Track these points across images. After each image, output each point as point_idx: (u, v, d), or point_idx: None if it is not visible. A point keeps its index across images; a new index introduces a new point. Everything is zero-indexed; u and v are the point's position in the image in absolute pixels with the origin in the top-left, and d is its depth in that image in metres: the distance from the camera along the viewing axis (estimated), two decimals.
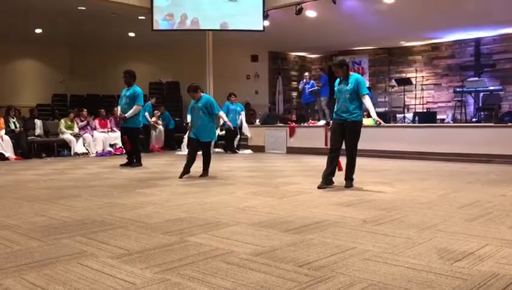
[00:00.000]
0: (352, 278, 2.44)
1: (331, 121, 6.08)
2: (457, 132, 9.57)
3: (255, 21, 12.09)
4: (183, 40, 13.88)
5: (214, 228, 3.60)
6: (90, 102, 14.77)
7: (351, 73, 5.72)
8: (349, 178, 5.71)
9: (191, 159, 6.82)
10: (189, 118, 7.42)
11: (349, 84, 5.59)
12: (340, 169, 5.80)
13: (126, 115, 8.40)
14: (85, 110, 12.40)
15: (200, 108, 6.85)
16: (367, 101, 5.61)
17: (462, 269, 2.56)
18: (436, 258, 2.77)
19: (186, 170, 6.78)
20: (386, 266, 2.62)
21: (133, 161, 8.63)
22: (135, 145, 8.76)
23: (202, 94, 7.02)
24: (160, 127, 13.43)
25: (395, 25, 12.55)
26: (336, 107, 5.77)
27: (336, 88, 5.83)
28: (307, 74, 13.46)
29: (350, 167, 5.71)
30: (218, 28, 12.32)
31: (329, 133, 8.02)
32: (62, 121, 11.85)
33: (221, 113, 7.14)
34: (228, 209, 4.36)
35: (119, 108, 8.74)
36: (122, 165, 8.61)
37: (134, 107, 8.40)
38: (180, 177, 6.68)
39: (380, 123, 5.68)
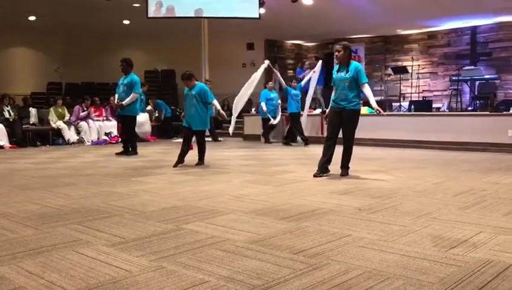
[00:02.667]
0: (348, 265, 2.45)
1: (327, 110, 6.06)
2: (452, 121, 9.59)
3: (251, 8, 12.02)
4: (178, 28, 13.79)
5: (210, 216, 3.60)
6: (85, 90, 14.67)
7: (351, 61, 5.64)
8: (345, 166, 5.71)
9: (184, 148, 6.80)
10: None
11: (349, 72, 5.52)
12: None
13: (123, 102, 8.37)
14: (88, 99, 12.17)
15: (194, 96, 6.80)
16: (367, 90, 5.56)
17: (456, 256, 2.57)
18: (431, 245, 2.79)
19: (180, 159, 6.75)
20: (381, 254, 2.64)
21: (129, 149, 8.61)
22: (131, 133, 8.74)
23: (196, 82, 6.98)
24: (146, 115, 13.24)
25: (391, 13, 12.50)
26: (334, 95, 5.72)
27: (334, 76, 5.75)
28: (307, 62, 13.42)
29: (346, 155, 5.69)
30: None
31: (325, 122, 8.04)
32: (51, 110, 11.76)
33: (215, 102, 7.07)
34: (224, 197, 4.37)
35: (116, 96, 8.69)
36: (117, 154, 8.58)
37: (131, 95, 8.37)
38: (175, 166, 6.66)
39: (379, 112, 5.64)
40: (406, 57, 15.13)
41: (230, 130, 10.73)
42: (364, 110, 10.19)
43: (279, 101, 11.57)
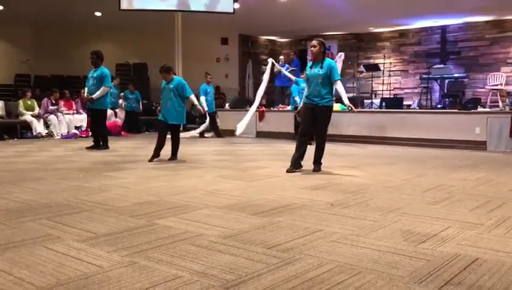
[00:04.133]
0: (320, 259, 2.48)
1: (300, 106, 6.11)
2: (422, 118, 9.79)
3: (225, 3, 11.96)
4: (151, 21, 13.61)
5: (183, 211, 3.59)
6: (55, 83, 14.33)
7: (325, 58, 5.67)
8: (317, 162, 5.77)
9: (160, 142, 6.73)
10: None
11: (323, 69, 5.56)
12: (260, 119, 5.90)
13: (93, 96, 8.22)
14: (57, 91, 11.93)
15: (171, 89, 6.74)
16: (339, 86, 5.61)
17: (425, 251, 2.63)
18: (401, 240, 2.84)
19: (156, 153, 6.70)
20: (353, 248, 2.68)
21: (100, 143, 8.47)
22: (101, 127, 8.60)
23: (174, 76, 6.91)
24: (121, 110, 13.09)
25: (364, 10, 12.64)
26: (307, 91, 5.75)
27: (307, 72, 5.78)
28: (282, 57, 13.40)
29: (319, 151, 5.75)
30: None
31: (298, 118, 8.05)
32: (20, 102, 11.48)
33: (192, 96, 6.98)
34: (197, 192, 4.35)
35: (86, 89, 8.54)
36: (88, 148, 8.44)
37: (101, 88, 8.24)
38: (150, 160, 6.60)
39: (351, 108, 5.70)
40: (378, 54, 15.34)
41: (241, 128, 10.85)
42: (336, 106, 10.27)
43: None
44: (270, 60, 10.87)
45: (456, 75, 12.38)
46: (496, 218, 3.39)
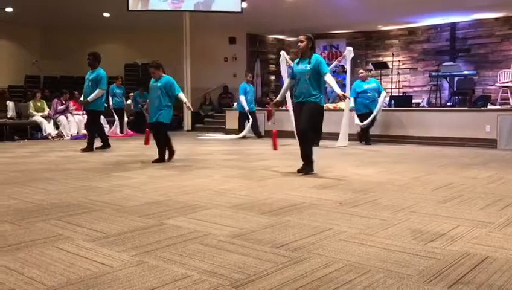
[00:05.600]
0: (329, 258, 2.48)
1: (277, 98, 5.94)
2: (432, 116, 9.73)
3: (233, 2, 11.97)
4: (159, 22, 13.66)
5: (192, 210, 3.60)
6: (64, 83, 14.46)
7: (312, 53, 5.42)
8: (304, 164, 5.47)
9: (160, 146, 6.61)
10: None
11: (310, 65, 5.31)
12: (274, 148, 5.84)
13: (88, 99, 8.05)
14: (67, 92, 11.98)
15: (159, 88, 6.53)
16: (329, 79, 5.34)
17: (435, 249, 2.62)
18: (410, 238, 2.83)
19: (161, 157, 6.60)
20: (362, 247, 2.67)
21: (91, 145, 8.28)
22: (97, 128, 8.47)
23: (163, 74, 6.66)
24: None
25: (372, 8, 12.60)
26: (295, 89, 5.49)
27: (294, 69, 5.52)
28: (290, 56, 13.32)
29: (304, 150, 5.43)
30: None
31: (272, 112, 7.90)
32: (30, 103, 11.58)
33: (181, 95, 6.70)
34: (206, 192, 4.36)
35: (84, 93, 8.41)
36: (83, 150, 8.19)
37: (96, 91, 8.05)
38: (154, 162, 6.55)
39: (344, 97, 5.40)
40: (387, 52, 15.28)
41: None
42: (342, 105, 10.25)
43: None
44: (283, 53, 10.77)
45: (465, 72, 12.28)
46: (507, 216, 3.36)
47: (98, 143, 8.87)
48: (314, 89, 5.32)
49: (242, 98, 11.15)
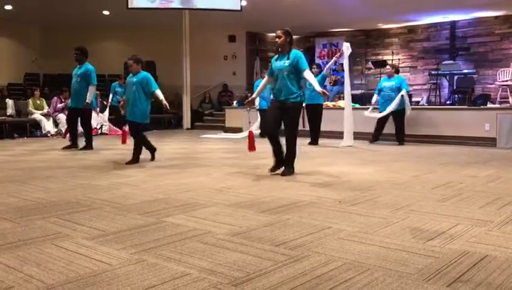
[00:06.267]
0: (328, 257, 2.48)
1: (253, 96, 5.67)
2: (431, 115, 9.72)
3: (232, 0, 11.96)
4: (159, 20, 13.64)
5: (191, 208, 3.60)
6: (63, 81, 14.42)
7: (292, 49, 5.16)
8: (286, 166, 5.26)
9: (146, 144, 6.41)
10: None
11: (289, 61, 5.06)
12: (252, 149, 5.72)
13: (87, 100, 7.81)
14: (67, 90, 11.90)
15: (134, 83, 6.23)
16: (308, 76, 5.09)
17: (434, 248, 2.62)
18: (410, 237, 2.83)
19: (135, 157, 6.26)
20: (361, 245, 2.67)
21: (74, 142, 8.16)
22: (75, 125, 8.22)
23: (141, 71, 6.37)
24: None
25: (372, 7, 12.59)
26: (273, 86, 5.27)
27: (273, 65, 5.28)
28: None
29: (288, 153, 5.22)
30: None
31: (247, 109, 7.52)
32: (30, 101, 11.57)
33: (158, 92, 6.33)
34: (205, 190, 4.36)
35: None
36: (64, 148, 8.08)
37: (89, 89, 7.82)
38: (127, 163, 6.18)
39: (325, 95, 5.28)
40: (386, 51, 15.26)
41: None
42: (340, 103, 10.24)
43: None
44: None
45: (465, 71, 12.28)
46: (506, 215, 3.37)
47: (98, 141, 8.86)
48: (294, 87, 5.09)
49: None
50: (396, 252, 2.54)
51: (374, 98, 9.62)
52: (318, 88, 5.15)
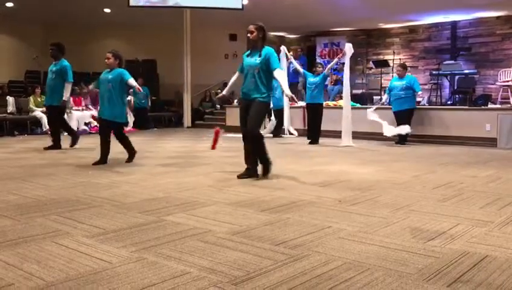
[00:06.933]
0: (328, 256, 2.48)
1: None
2: (432, 115, 9.71)
3: None
4: (160, 18, 13.63)
5: (191, 207, 3.60)
6: None
7: (264, 46, 4.92)
8: (259, 165, 5.02)
9: (103, 145, 6.02)
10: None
11: (260, 58, 4.80)
12: (213, 147, 5.56)
13: (64, 98, 7.57)
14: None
15: (109, 80, 5.94)
16: (278, 75, 4.80)
17: (434, 248, 2.62)
18: (410, 237, 2.83)
19: (102, 159, 5.96)
20: (361, 245, 2.67)
21: (57, 143, 7.91)
22: (55, 124, 7.98)
23: (119, 67, 6.06)
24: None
25: (373, 6, 12.57)
26: (243, 84, 5.00)
27: (244, 62, 5.02)
28: (291, 52, 13.24)
29: (254, 152, 5.00)
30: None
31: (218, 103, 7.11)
32: (31, 98, 11.57)
33: (131, 80, 6.00)
34: (205, 189, 4.36)
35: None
36: (46, 148, 7.83)
37: (66, 86, 7.60)
38: (93, 164, 5.91)
39: (293, 99, 5.15)
40: (388, 50, 15.24)
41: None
42: (339, 102, 10.20)
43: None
44: (283, 48, 10.61)
45: (466, 71, 12.26)
46: (506, 215, 3.37)
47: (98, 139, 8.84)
48: (263, 86, 4.82)
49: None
50: (397, 252, 2.54)
51: (384, 98, 9.68)
52: (287, 90, 4.88)
